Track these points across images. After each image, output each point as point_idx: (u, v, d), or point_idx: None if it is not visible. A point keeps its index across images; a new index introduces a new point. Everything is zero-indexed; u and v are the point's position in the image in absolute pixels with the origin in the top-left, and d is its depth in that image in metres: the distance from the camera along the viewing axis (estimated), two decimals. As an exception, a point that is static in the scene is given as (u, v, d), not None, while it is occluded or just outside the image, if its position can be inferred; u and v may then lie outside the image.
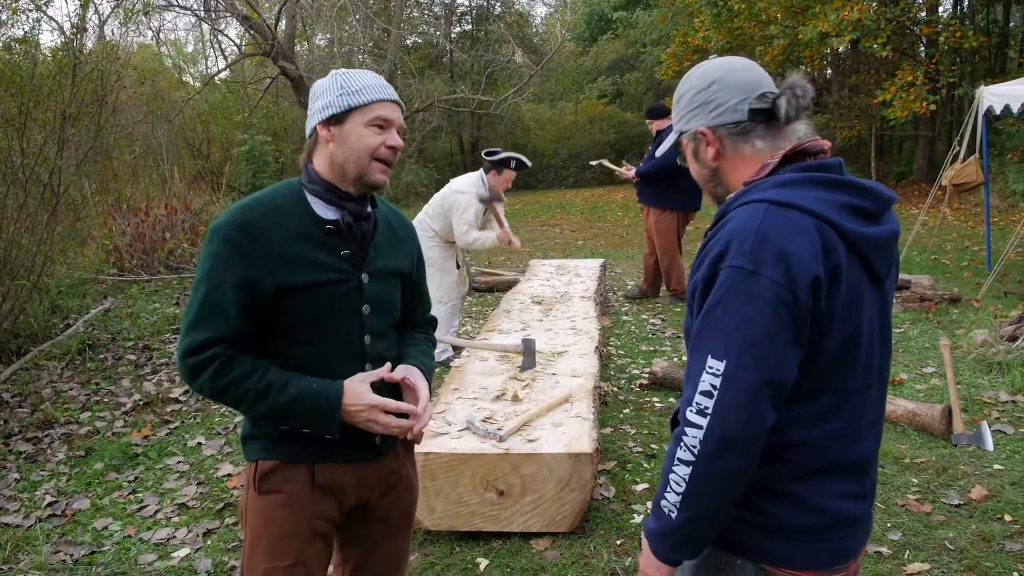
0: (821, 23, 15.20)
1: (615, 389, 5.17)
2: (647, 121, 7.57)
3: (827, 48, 16.41)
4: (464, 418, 3.52)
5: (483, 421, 3.49)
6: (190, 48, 30.15)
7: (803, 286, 1.29)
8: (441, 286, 5.78)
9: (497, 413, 3.62)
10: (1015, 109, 7.75)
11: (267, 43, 12.04)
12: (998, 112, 8.02)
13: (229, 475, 4.14)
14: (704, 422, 1.30)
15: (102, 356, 6.43)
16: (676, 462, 1.34)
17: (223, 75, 21.50)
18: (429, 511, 3.26)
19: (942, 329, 6.11)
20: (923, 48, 19.14)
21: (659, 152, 1.75)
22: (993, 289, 7.16)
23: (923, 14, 17.96)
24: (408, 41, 26.45)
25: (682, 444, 1.33)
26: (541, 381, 4.11)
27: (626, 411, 4.69)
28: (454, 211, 5.58)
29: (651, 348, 6.13)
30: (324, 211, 1.80)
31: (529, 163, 5.71)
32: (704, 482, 1.32)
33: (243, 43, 14.48)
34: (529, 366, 4.21)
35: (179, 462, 4.35)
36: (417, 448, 3.17)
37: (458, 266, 5.95)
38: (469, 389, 4.01)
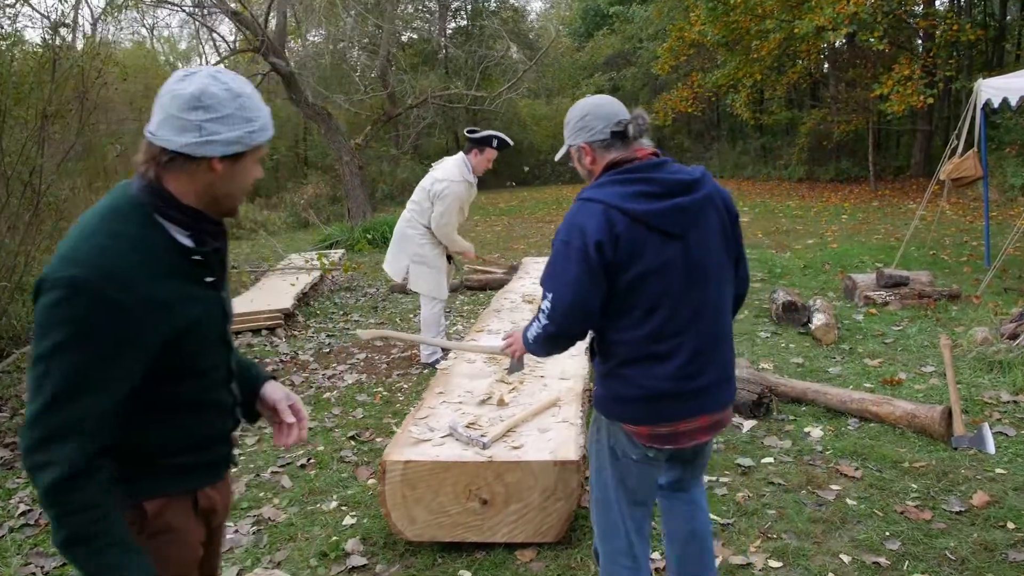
0: (817, 17, 15.04)
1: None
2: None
3: (824, 42, 16.29)
4: (447, 424, 3.40)
5: (467, 427, 3.37)
6: (184, 45, 30.00)
7: (592, 247, 2.03)
8: (433, 284, 5.65)
9: (482, 418, 3.50)
10: (1013, 102, 7.63)
11: (257, 39, 11.86)
12: (996, 105, 7.89)
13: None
14: (543, 324, 2.17)
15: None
16: (533, 324, 2.24)
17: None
18: (410, 521, 3.14)
19: (941, 327, 5.99)
20: (920, 42, 19.02)
21: (557, 158, 2.45)
22: (993, 285, 7.04)
23: (920, 7, 17.82)
24: (404, 37, 26.29)
25: (537, 320, 2.21)
26: (529, 384, 3.99)
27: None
28: (437, 199, 5.44)
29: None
30: (181, 237, 1.54)
31: (511, 142, 5.59)
32: (534, 346, 2.29)
33: (236, 40, 14.28)
34: (516, 369, 4.05)
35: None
36: (397, 456, 3.06)
37: (450, 261, 5.82)
38: (454, 393, 3.89)
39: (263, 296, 7.72)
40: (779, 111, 22.28)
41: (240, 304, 7.38)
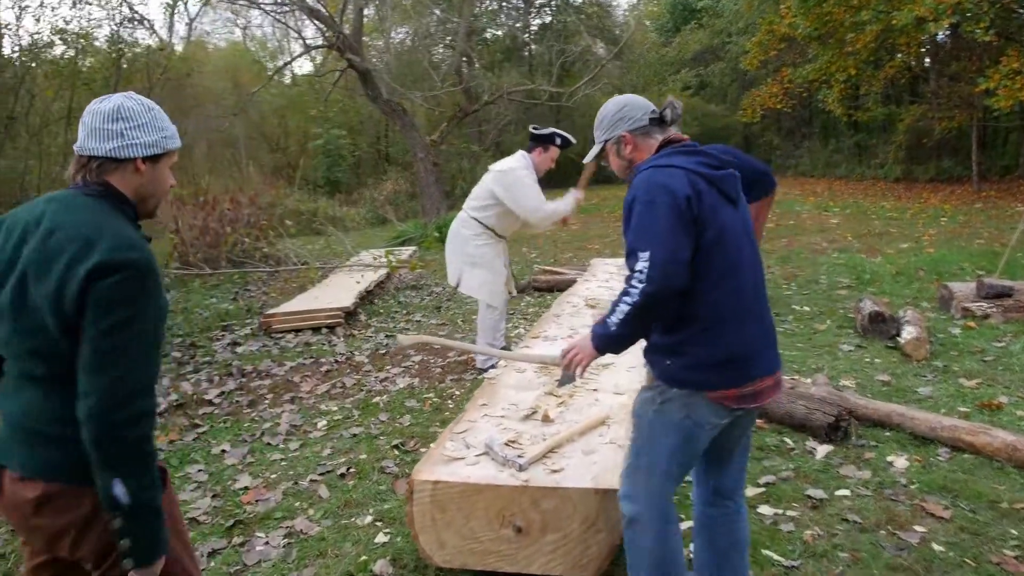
0: (917, 7, 14.15)
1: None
2: None
3: (924, 34, 15.33)
4: (484, 440, 3.15)
5: (506, 445, 3.12)
6: (273, 44, 30.69)
7: (682, 200, 2.11)
8: (491, 289, 5.41)
9: (524, 435, 3.24)
10: None
11: (334, 35, 11.88)
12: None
13: (246, 488, 3.88)
14: (639, 290, 2.09)
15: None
16: (622, 302, 2.15)
17: (302, 71, 21.68)
18: (439, 545, 2.90)
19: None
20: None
21: (587, 160, 2.70)
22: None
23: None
24: (487, 34, 26.20)
25: (629, 293, 2.12)
26: (579, 398, 3.71)
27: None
28: (515, 189, 5.15)
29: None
30: None
31: (574, 140, 5.29)
32: (638, 317, 2.14)
33: (322, 37, 14.37)
34: (567, 381, 3.77)
35: (199, 471, 4.12)
36: (426, 475, 2.83)
37: (505, 266, 5.58)
38: (498, 405, 3.64)
39: (328, 294, 7.65)
40: (875, 107, 21.22)
41: (303, 301, 7.33)
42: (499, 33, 27.24)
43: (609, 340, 2.28)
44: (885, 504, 3.35)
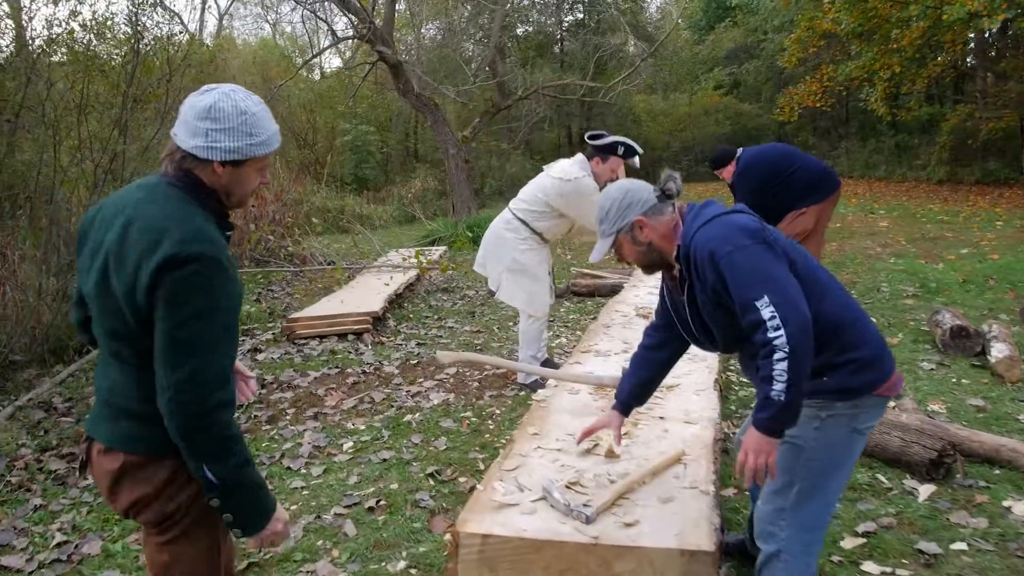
0: (970, 1, 13.47)
1: (736, 431, 4.20)
2: (714, 171, 6.21)
3: (975, 29, 14.64)
4: (540, 482, 2.68)
5: (567, 487, 2.64)
6: (304, 39, 30.45)
7: (761, 231, 2.11)
8: (534, 298, 4.93)
9: (586, 475, 2.76)
10: None
11: (364, 26, 11.46)
12: None
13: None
14: (785, 339, 1.92)
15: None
16: (775, 364, 1.94)
17: (331, 67, 21.35)
18: (489, 611, 2.43)
19: None
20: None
21: (595, 258, 2.42)
22: None
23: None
24: (519, 30, 25.74)
25: (775, 350, 1.93)
26: (644, 428, 3.22)
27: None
28: (580, 197, 4.66)
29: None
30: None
31: (640, 150, 4.80)
32: (799, 363, 1.94)
33: (353, 29, 13.94)
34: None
35: (211, 499, 3.69)
36: (475, 527, 2.36)
37: (549, 273, 5.09)
38: (551, 435, 3.16)
39: (354, 297, 7.21)
40: (917, 107, 20.48)
41: (329, 305, 6.90)
42: (530, 29, 26.77)
43: (787, 412, 1.99)
44: (1012, 563, 2.83)
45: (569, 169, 4.73)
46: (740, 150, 5.78)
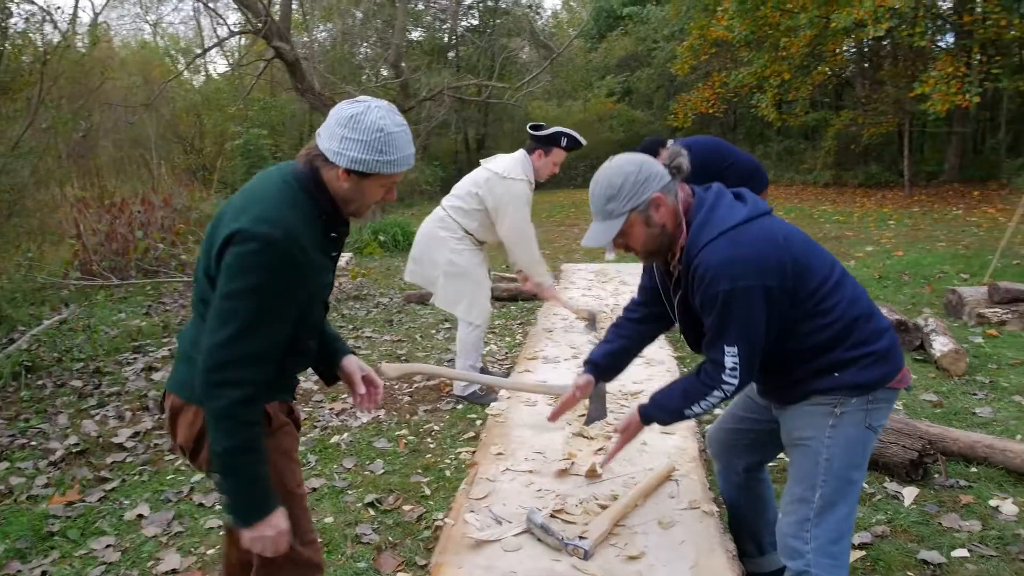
0: (856, 10, 13.99)
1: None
2: None
3: (863, 37, 15.19)
4: (520, 512, 2.30)
5: (551, 516, 2.27)
6: (190, 35, 28.99)
7: (780, 278, 1.93)
8: (474, 303, 4.53)
9: (569, 500, 2.40)
10: None
11: (259, 21, 10.77)
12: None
13: (174, 572, 2.90)
14: (730, 385, 1.97)
15: (41, 382, 5.19)
16: (711, 395, 2.01)
17: (220, 70, 20.27)
18: (472, 671, 2.03)
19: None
20: (952, 40, 17.78)
21: (606, 242, 2.05)
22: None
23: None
24: (413, 35, 25.25)
25: (720, 388, 1.98)
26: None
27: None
28: (510, 200, 4.30)
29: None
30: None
31: (584, 141, 4.49)
32: (717, 405, 2.04)
33: (249, 24, 13.12)
34: (599, 416, 2.96)
35: (107, 546, 3.11)
36: (453, 573, 1.96)
37: (488, 276, 4.71)
38: (519, 455, 2.79)
39: (259, 307, 6.61)
40: (803, 113, 21.22)
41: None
42: (425, 33, 26.33)
43: (675, 421, 2.20)
44: (1019, 567, 2.64)
45: (510, 167, 4.37)
46: (671, 141, 5.58)
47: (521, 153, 4.43)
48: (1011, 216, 11.58)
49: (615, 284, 6.01)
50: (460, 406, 4.48)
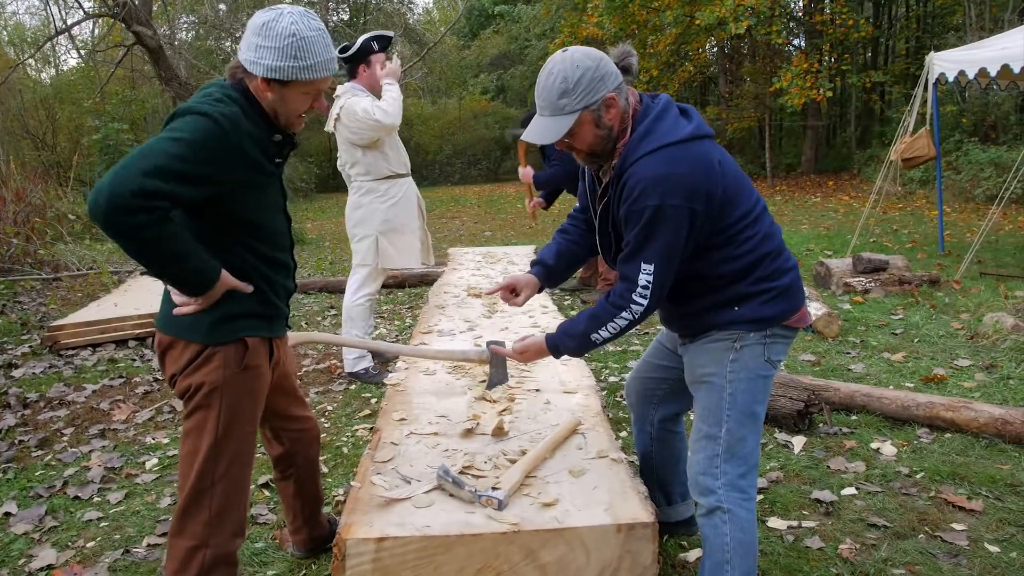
0: (719, 8, 14.65)
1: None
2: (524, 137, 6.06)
3: (727, 34, 15.89)
4: (431, 468, 2.24)
5: (461, 473, 2.23)
6: (36, 22, 27.05)
7: (707, 202, 1.91)
8: (404, 250, 4.40)
9: (478, 457, 2.36)
10: (971, 75, 7.10)
11: (116, 4, 10.14)
12: (951, 79, 7.37)
13: (51, 567, 2.67)
14: (641, 305, 1.96)
15: None
16: (620, 317, 1.99)
17: (68, 64, 19.00)
18: (389, 632, 1.96)
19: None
20: (804, 38, 18.90)
21: (540, 140, 1.93)
22: (969, 271, 6.46)
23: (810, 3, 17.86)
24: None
25: (629, 309, 1.97)
26: (524, 402, 2.87)
27: (623, 434, 3.48)
28: (354, 116, 4.15)
29: (620, 348, 4.97)
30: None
31: (391, 33, 4.44)
32: (628, 328, 2.02)
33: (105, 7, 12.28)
34: (500, 380, 2.96)
35: (-29, 548, 2.84)
36: (364, 531, 1.88)
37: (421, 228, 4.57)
38: (422, 419, 2.72)
39: (129, 300, 6.22)
40: (671, 109, 21.99)
41: (101, 311, 5.89)
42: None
43: (584, 348, 2.13)
44: (902, 500, 2.80)
45: (341, 102, 4.24)
46: None
47: (349, 85, 4.29)
48: (864, 203, 12.45)
49: (504, 264, 6.01)
50: (353, 386, 4.36)
